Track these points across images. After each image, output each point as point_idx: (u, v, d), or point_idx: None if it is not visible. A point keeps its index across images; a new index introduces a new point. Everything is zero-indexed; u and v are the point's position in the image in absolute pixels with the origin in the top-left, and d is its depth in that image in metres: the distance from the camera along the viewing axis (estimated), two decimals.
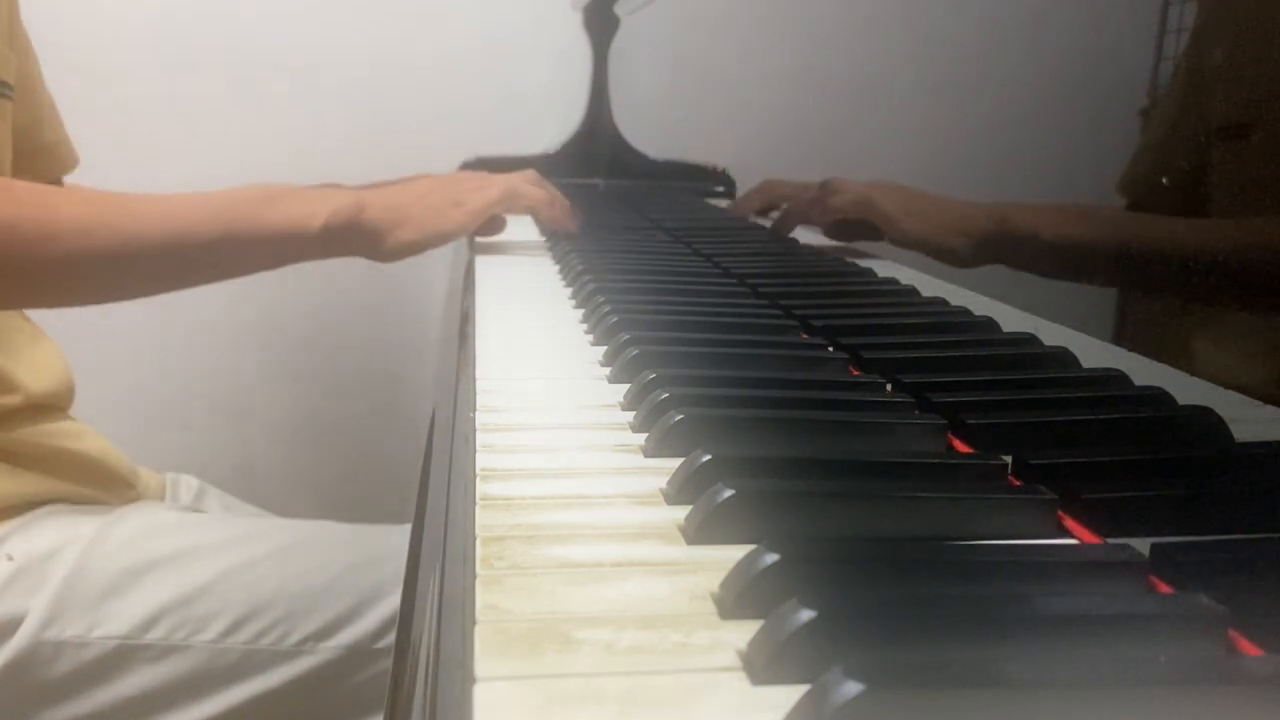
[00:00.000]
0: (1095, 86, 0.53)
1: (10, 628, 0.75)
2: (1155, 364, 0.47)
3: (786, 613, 0.26)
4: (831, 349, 0.57)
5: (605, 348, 0.56)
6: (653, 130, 1.40)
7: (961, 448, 0.43)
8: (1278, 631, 0.28)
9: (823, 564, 0.30)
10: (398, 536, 0.88)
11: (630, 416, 0.46)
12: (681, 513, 0.35)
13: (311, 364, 1.62)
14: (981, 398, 0.47)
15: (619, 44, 1.45)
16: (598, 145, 1.46)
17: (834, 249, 0.84)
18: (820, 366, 0.55)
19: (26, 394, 0.85)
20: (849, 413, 0.45)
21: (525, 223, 1.06)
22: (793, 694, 0.24)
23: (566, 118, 1.47)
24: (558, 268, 0.85)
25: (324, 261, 0.81)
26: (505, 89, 1.54)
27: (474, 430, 0.43)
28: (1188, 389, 0.44)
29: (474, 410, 0.46)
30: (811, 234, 0.91)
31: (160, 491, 1.00)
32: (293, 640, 0.79)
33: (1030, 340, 0.56)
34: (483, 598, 0.29)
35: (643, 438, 0.43)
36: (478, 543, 0.33)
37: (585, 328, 0.63)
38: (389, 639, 0.80)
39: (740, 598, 0.29)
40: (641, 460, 0.41)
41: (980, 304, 0.62)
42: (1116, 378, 0.48)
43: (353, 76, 1.52)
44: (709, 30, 1.20)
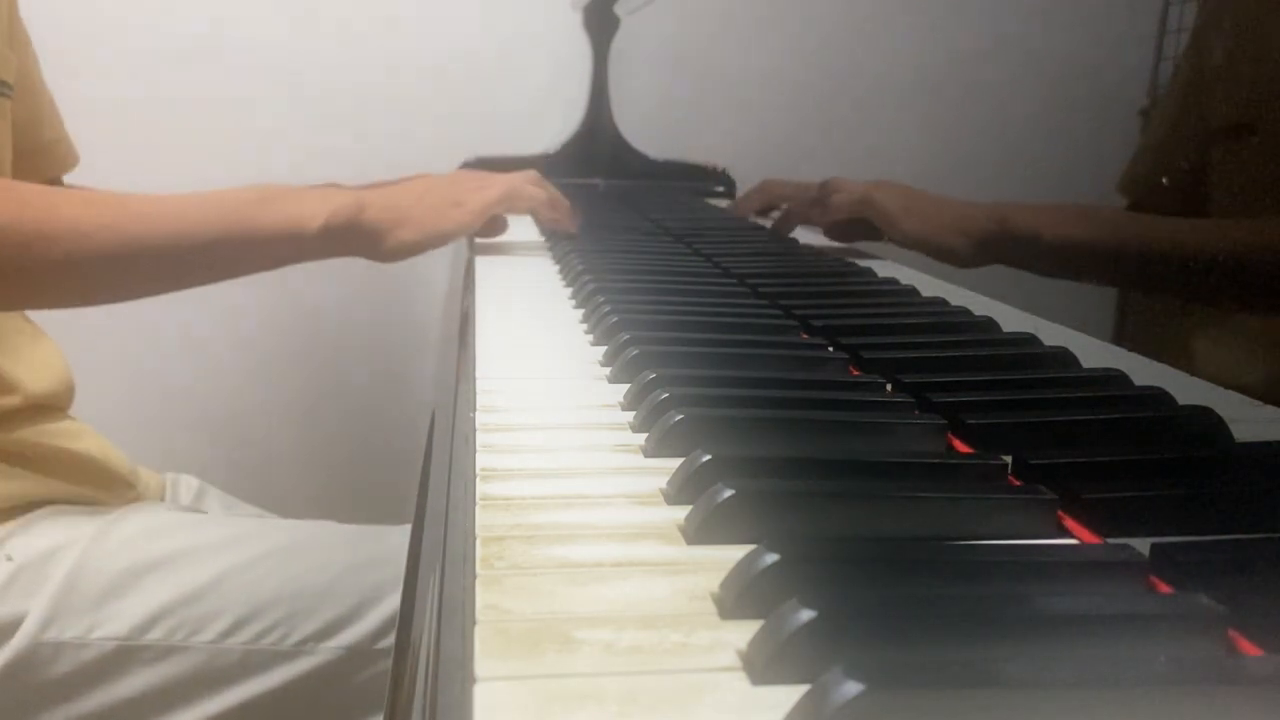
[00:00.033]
0: (1095, 86, 0.53)
1: (10, 628, 0.75)
2: (1155, 364, 0.47)
3: (786, 613, 0.26)
4: (831, 349, 0.57)
5: (605, 348, 0.56)
6: (653, 130, 1.40)
7: (961, 448, 0.43)
8: (1278, 631, 0.28)
9: (823, 564, 0.30)
10: (398, 537, 0.88)
11: (630, 416, 0.46)
12: (681, 513, 0.35)
13: (311, 364, 1.62)
14: (981, 398, 0.47)
15: (619, 44, 1.44)
16: (598, 145, 1.46)
17: (834, 249, 0.84)
18: (820, 366, 0.55)
19: (26, 394, 0.85)
20: (849, 413, 0.45)
21: (525, 223, 1.06)
22: (793, 694, 0.24)
23: (566, 118, 1.47)
24: (558, 268, 0.85)
25: (324, 262, 0.80)
26: (505, 89, 1.54)
27: (474, 430, 0.43)
28: (1188, 389, 0.44)
29: (474, 410, 0.46)
30: (811, 234, 0.91)
31: (160, 491, 1.00)
32: (293, 641, 0.79)
33: (1030, 340, 0.56)
34: (483, 598, 0.29)
35: (643, 438, 0.43)
36: (478, 543, 0.33)
37: (585, 328, 0.63)
38: (389, 639, 0.80)
39: (740, 598, 0.29)
40: (641, 460, 0.41)
41: (980, 304, 0.62)
42: (1116, 378, 0.48)
43: (353, 77, 1.52)
44: (709, 30, 1.20)
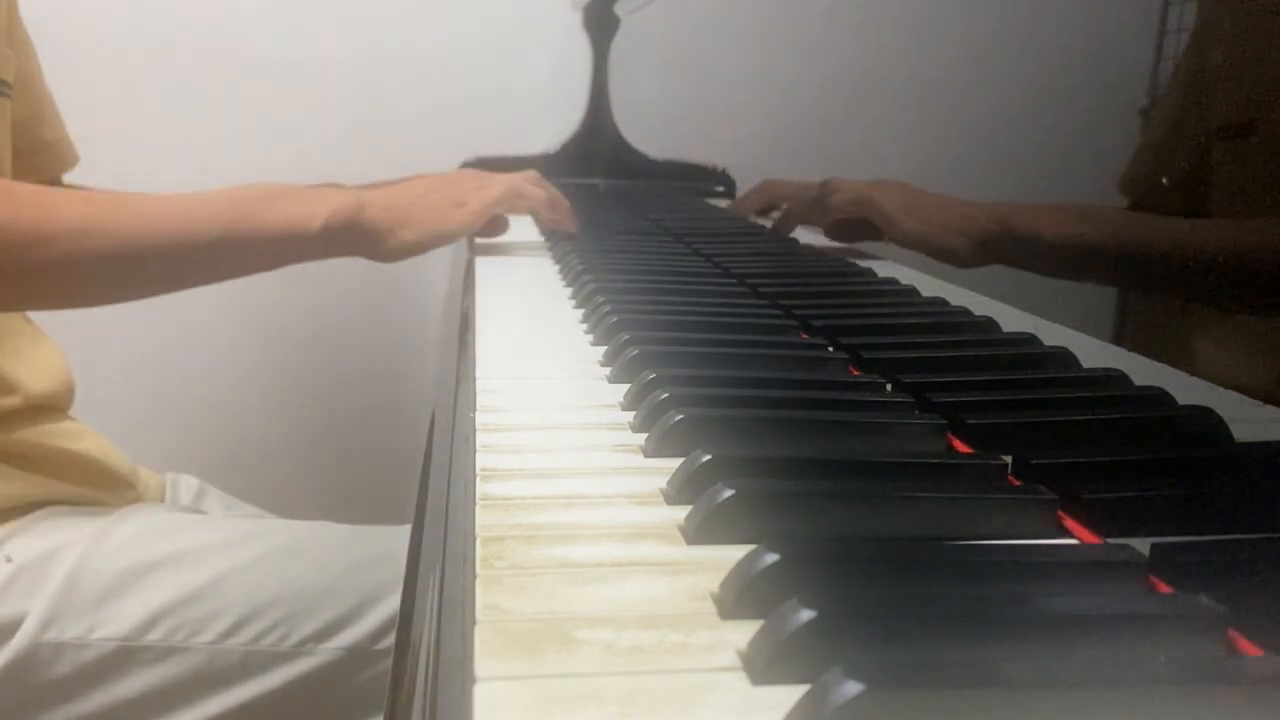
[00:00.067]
0: (1095, 86, 0.53)
1: (10, 629, 0.75)
2: (1155, 364, 0.47)
3: (786, 613, 0.26)
4: (831, 349, 0.57)
5: (605, 348, 0.56)
6: (653, 130, 1.40)
7: (961, 448, 0.43)
8: (1278, 631, 0.28)
9: (823, 564, 0.30)
10: (398, 537, 0.87)
11: (630, 416, 0.46)
12: (681, 513, 0.35)
13: (311, 364, 1.62)
14: (981, 398, 0.47)
15: (619, 44, 1.44)
16: (598, 145, 1.46)
17: (834, 249, 0.84)
18: (820, 366, 0.55)
19: (26, 395, 0.85)
20: (849, 413, 0.45)
21: (525, 223, 1.06)
22: (793, 694, 0.24)
23: (566, 118, 1.47)
24: (558, 268, 0.85)
25: (324, 261, 0.80)
26: (505, 89, 1.54)
27: (474, 430, 0.43)
28: (1188, 389, 0.44)
29: (474, 410, 0.46)
30: (812, 234, 0.91)
31: (160, 491, 1.00)
32: (293, 641, 0.79)
33: (1030, 340, 0.56)
34: (483, 598, 0.29)
35: (643, 438, 0.43)
36: (478, 543, 0.33)
37: (585, 328, 0.63)
38: (389, 640, 0.80)
39: (740, 598, 0.29)
40: (641, 460, 0.41)
41: (980, 304, 0.62)
42: (1116, 378, 0.48)
43: (353, 76, 1.52)
44: (709, 30, 1.20)
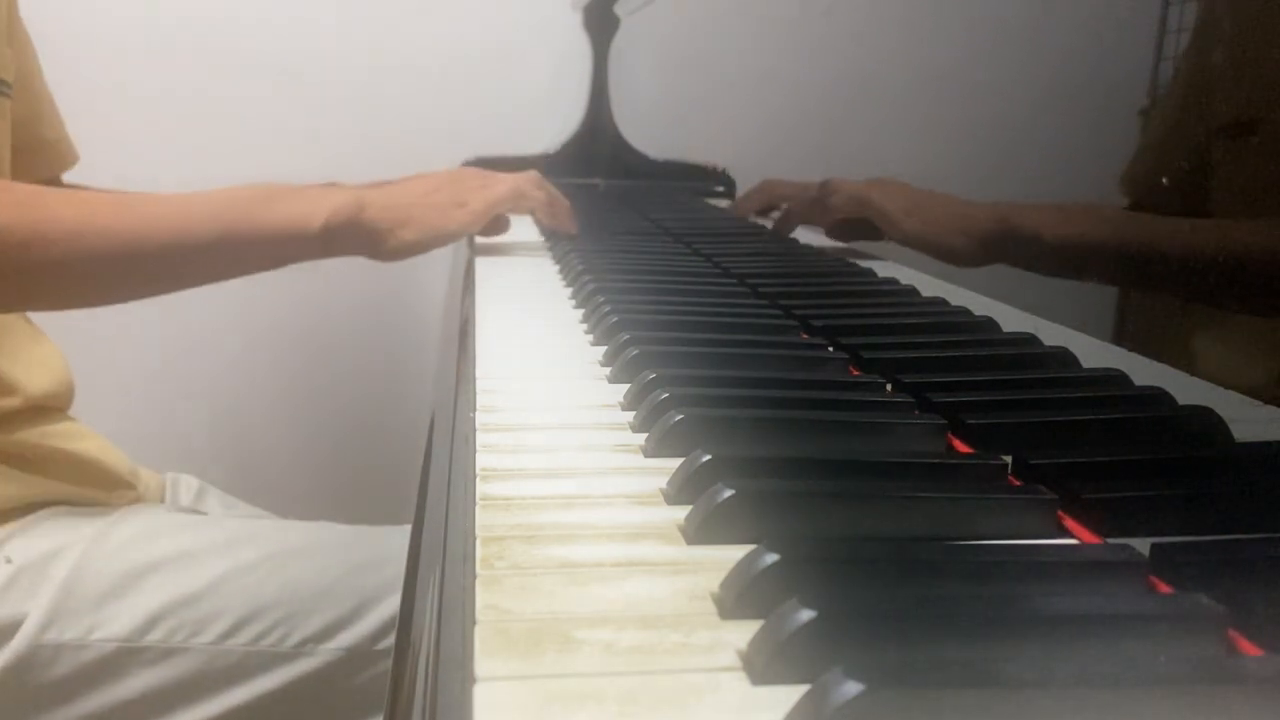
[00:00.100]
0: (1095, 86, 0.53)
1: (10, 630, 0.75)
2: (1155, 364, 0.47)
3: (786, 613, 0.26)
4: (831, 349, 0.57)
5: (605, 348, 0.56)
6: (653, 130, 1.40)
7: (961, 448, 0.43)
8: (1278, 631, 0.28)
9: (823, 564, 0.30)
10: (398, 538, 0.87)
11: (630, 416, 0.46)
12: (681, 513, 0.35)
13: (312, 363, 1.62)
14: (981, 398, 0.47)
15: (619, 44, 1.44)
16: (598, 145, 1.46)
17: (834, 249, 0.84)
18: (820, 366, 0.55)
19: (26, 396, 0.84)
20: (849, 413, 0.45)
21: (525, 223, 1.06)
22: (793, 694, 0.24)
23: (566, 118, 1.47)
24: (558, 268, 0.85)
25: (324, 261, 0.80)
26: (505, 89, 1.54)
27: (474, 430, 0.43)
28: (1188, 389, 0.44)
29: (474, 410, 0.46)
30: (812, 234, 0.91)
31: (160, 492, 1.00)
32: (292, 642, 0.79)
33: (1030, 340, 0.56)
34: (483, 598, 0.29)
35: (643, 438, 0.43)
36: (478, 543, 0.33)
37: (585, 328, 0.63)
38: (389, 640, 0.80)
39: (740, 598, 0.29)
40: (641, 460, 0.41)
41: (980, 304, 0.62)
42: (1116, 378, 0.48)
43: (353, 77, 1.52)
44: (709, 30, 1.20)
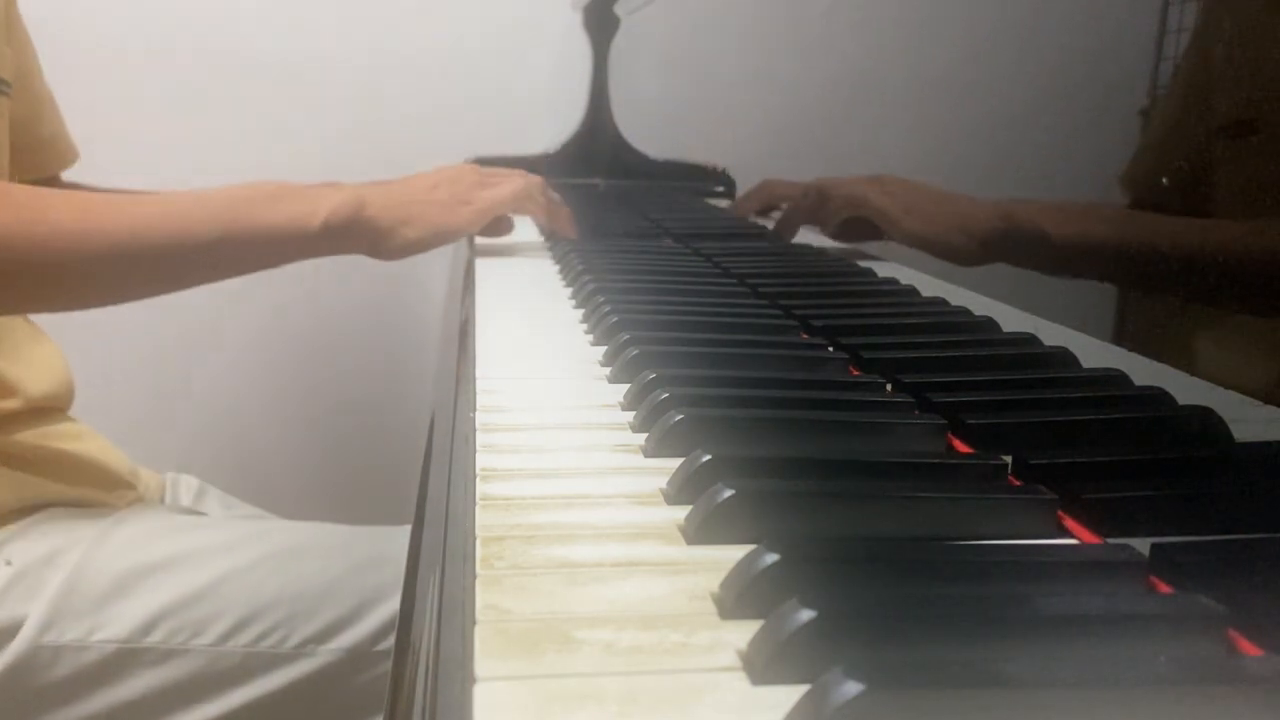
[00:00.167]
0: (1095, 86, 0.53)
1: (9, 632, 0.75)
2: (1155, 364, 0.46)
3: (786, 613, 0.26)
4: (831, 349, 0.57)
5: (605, 348, 0.56)
6: (653, 130, 1.40)
7: (961, 448, 0.43)
8: (1278, 631, 0.28)
9: (823, 564, 0.30)
10: (398, 538, 0.87)
11: (630, 416, 0.46)
12: (681, 513, 0.35)
13: (311, 363, 1.62)
14: (981, 398, 0.47)
15: (619, 44, 1.44)
16: (598, 145, 1.46)
17: (834, 249, 0.84)
18: (820, 366, 0.55)
19: (26, 397, 0.84)
20: (849, 413, 0.45)
21: (525, 223, 1.07)
22: (793, 694, 0.24)
23: (566, 118, 1.47)
24: (558, 268, 0.85)
25: (324, 260, 0.80)
26: (505, 89, 1.54)
27: (474, 430, 0.43)
28: (1188, 389, 0.44)
29: (474, 410, 0.46)
30: (812, 234, 0.91)
31: (160, 492, 1.00)
32: (293, 643, 0.79)
33: (1030, 340, 0.56)
34: (483, 598, 0.29)
35: (643, 438, 0.43)
36: (478, 543, 0.33)
37: (585, 328, 0.63)
38: (389, 641, 0.80)
39: (740, 598, 0.29)
40: (641, 460, 0.41)
41: (980, 304, 0.62)
42: (1116, 378, 0.48)
43: (353, 76, 1.52)
44: (709, 30, 1.20)
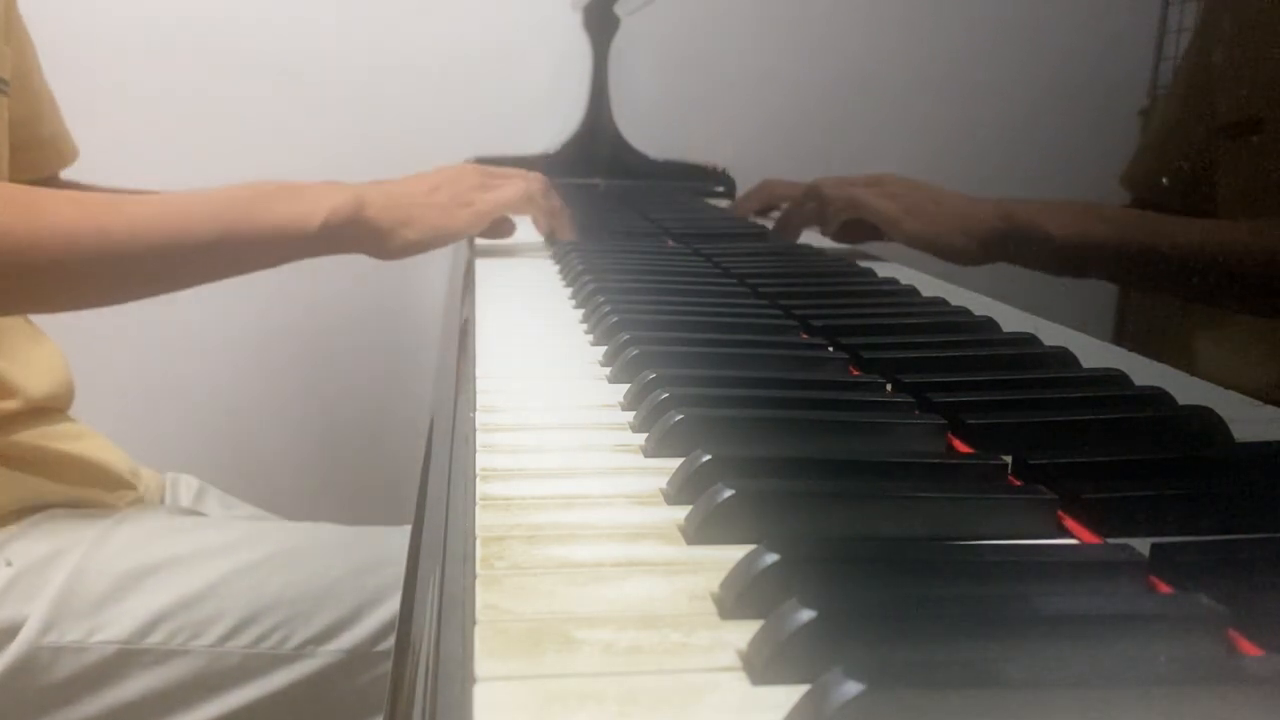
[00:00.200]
0: (1095, 86, 0.53)
1: (9, 633, 0.75)
2: (1155, 364, 0.47)
3: (786, 613, 0.26)
4: (831, 349, 0.57)
5: (605, 348, 0.56)
6: (653, 130, 1.40)
7: (961, 448, 0.43)
8: (1278, 631, 0.28)
9: (823, 564, 0.30)
10: (398, 539, 0.87)
11: (630, 416, 0.46)
12: (681, 513, 0.35)
13: (312, 363, 1.62)
14: (981, 398, 0.47)
15: (619, 44, 1.44)
16: (598, 145, 1.46)
17: (834, 249, 0.84)
18: (820, 366, 0.55)
19: (26, 398, 0.84)
20: (849, 413, 0.45)
21: (526, 223, 1.06)
22: (793, 694, 0.24)
23: (566, 118, 1.47)
24: (558, 268, 0.85)
25: (324, 260, 0.80)
26: (505, 89, 1.54)
27: (474, 430, 0.43)
28: (1188, 389, 0.44)
29: (474, 410, 0.46)
30: (813, 234, 0.91)
31: (160, 492, 1.00)
32: (293, 644, 0.79)
33: (1030, 340, 0.56)
34: (483, 598, 0.29)
35: (643, 438, 0.43)
36: (478, 543, 0.33)
37: (585, 328, 0.63)
38: (389, 642, 0.80)
39: (740, 598, 0.29)
40: (641, 460, 0.41)
41: (980, 304, 0.62)
42: (1116, 378, 0.48)
43: (353, 77, 1.52)
44: (709, 30, 1.20)
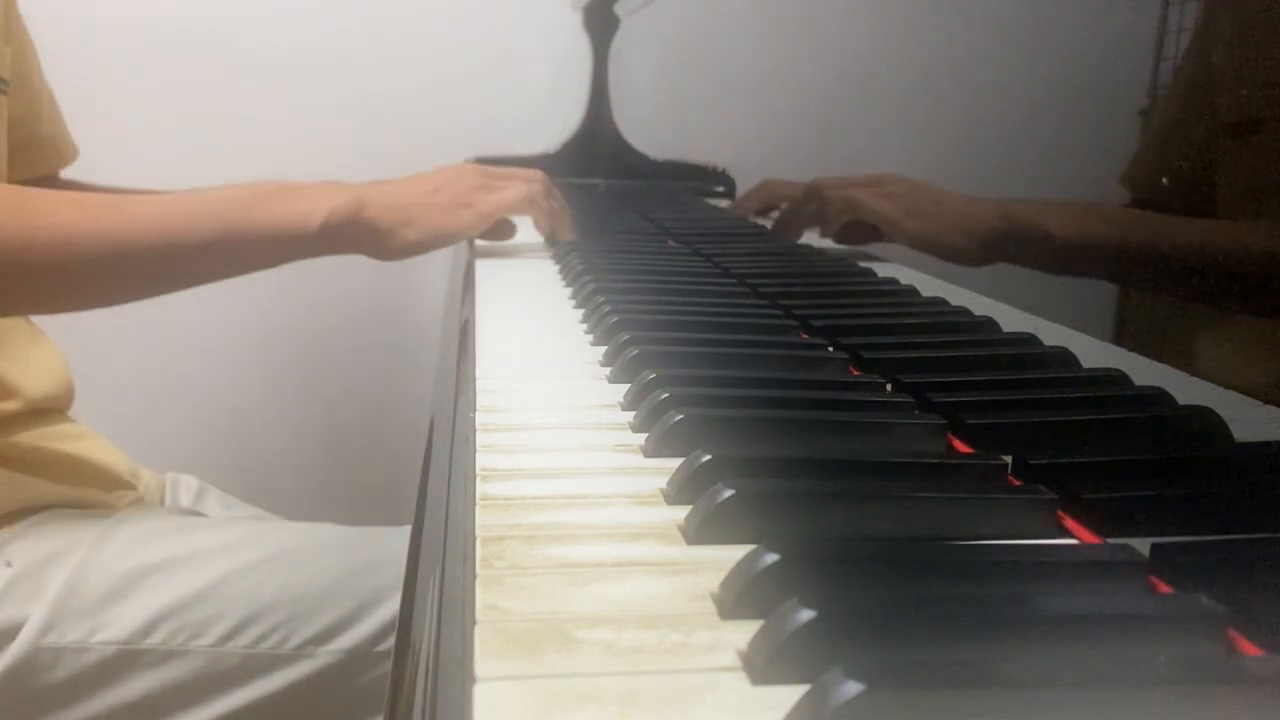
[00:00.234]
0: (1095, 86, 0.53)
1: (10, 634, 0.75)
2: (1155, 364, 0.47)
3: (786, 613, 0.26)
4: (831, 349, 0.57)
5: (605, 348, 0.56)
6: (653, 130, 1.40)
7: (961, 448, 0.43)
8: (1278, 631, 0.28)
9: (823, 564, 0.30)
10: (398, 540, 0.87)
11: (630, 416, 0.46)
12: (681, 513, 0.35)
13: (312, 363, 1.62)
14: (981, 398, 0.47)
15: (619, 44, 1.44)
16: (598, 145, 1.46)
17: (834, 249, 0.84)
18: (820, 366, 0.55)
19: (26, 399, 0.84)
20: (849, 413, 0.45)
21: (525, 223, 1.06)
22: (793, 694, 0.24)
23: (566, 118, 1.47)
24: (558, 268, 0.85)
25: (324, 260, 0.80)
26: (505, 89, 1.54)
27: (474, 430, 0.43)
28: (1188, 389, 0.44)
29: (474, 410, 0.46)
30: (813, 234, 0.91)
31: (160, 492, 1.00)
32: (293, 644, 0.79)
33: (1030, 340, 0.56)
34: (483, 598, 0.29)
35: (643, 438, 0.43)
36: (478, 543, 0.33)
37: (585, 328, 0.63)
38: (389, 642, 0.80)
39: (740, 598, 0.29)
40: (641, 460, 0.41)
41: (980, 304, 0.62)
42: (1116, 378, 0.48)
43: (353, 77, 1.52)
44: (709, 30, 1.20)
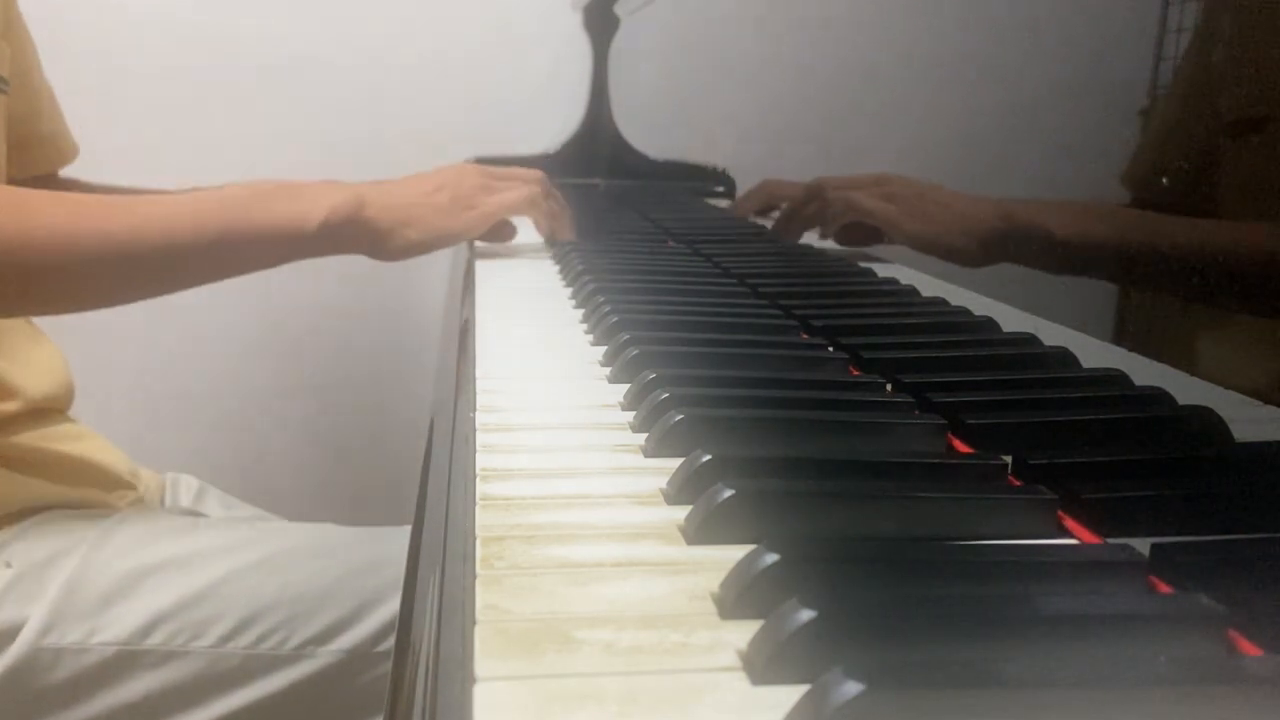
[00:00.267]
0: (1095, 86, 0.53)
1: (9, 635, 0.75)
2: (1155, 364, 0.47)
3: (786, 613, 0.26)
4: (831, 349, 0.57)
5: (605, 348, 0.56)
6: (653, 130, 1.40)
7: (961, 448, 0.43)
8: (1278, 631, 0.28)
9: (823, 564, 0.30)
10: (398, 540, 0.87)
11: (630, 416, 0.46)
12: (681, 513, 0.35)
13: (311, 364, 1.62)
14: (981, 398, 0.47)
15: (619, 44, 1.44)
16: (598, 145, 1.46)
17: (834, 249, 0.84)
18: (820, 366, 0.55)
19: (26, 399, 0.84)
20: (849, 413, 0.45)
21: (525, 223, 1.06)
22: (793, 694, 0.24)
23: (566, 118, 1.47)
24: (558, 268, 0.85)
25: (324, 261, 0.80)
26: (505, 89, 1.54)
27: (474, 430, 0.43)
28: (1188, 389, 0.44)
29: (474, 410, 0.46)
30: (813, 234, 0.91)
31: (160, 492, 1.00)
32: (293, 644, 0.79)
33: (1030, 340, 0.56)
34: (483, 598, 0.29)
35: (643, 438, 0.43)
36: (478, 543, 0.33)
37: (585, 328, 0.63)
38: (389, 642, 0.80)
39: (740, 598, 0.29)
40: (641, 460, 0.41)
41: (980, 304, 0.62)
42: (1116, 378, 0.48)
43: (352, 77, 1.52)
44: (709, 30, 1.20)
